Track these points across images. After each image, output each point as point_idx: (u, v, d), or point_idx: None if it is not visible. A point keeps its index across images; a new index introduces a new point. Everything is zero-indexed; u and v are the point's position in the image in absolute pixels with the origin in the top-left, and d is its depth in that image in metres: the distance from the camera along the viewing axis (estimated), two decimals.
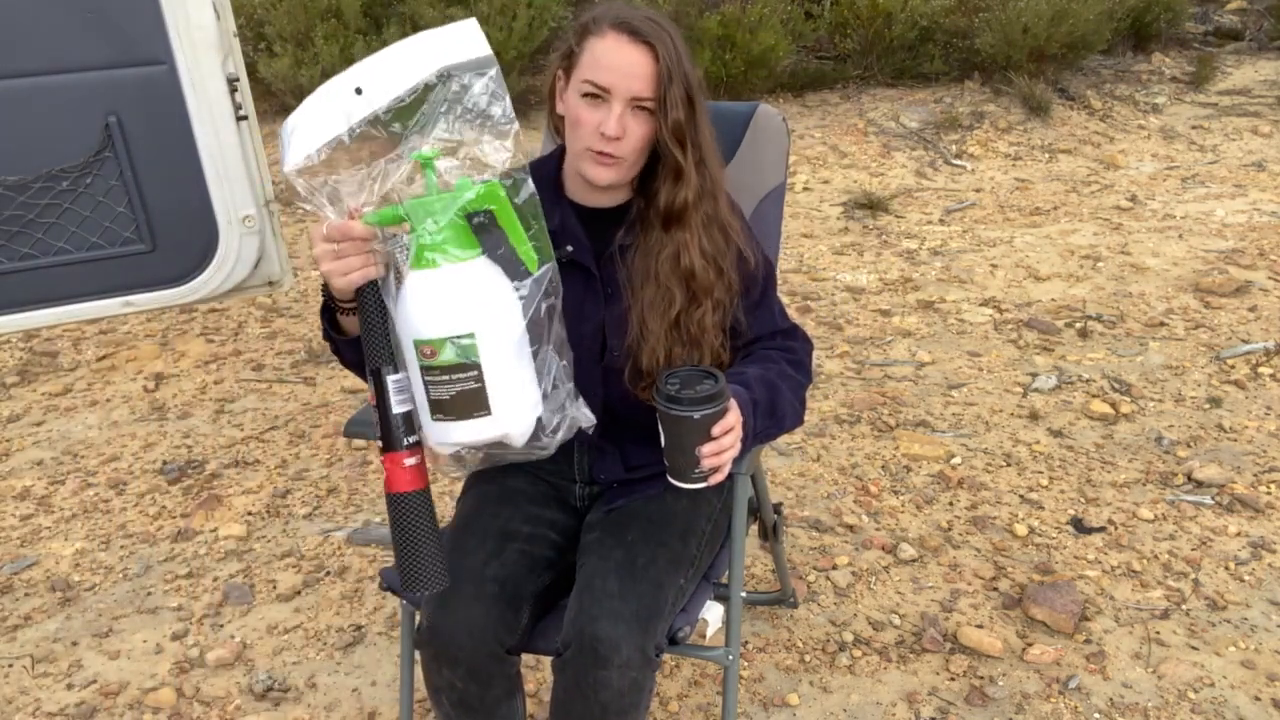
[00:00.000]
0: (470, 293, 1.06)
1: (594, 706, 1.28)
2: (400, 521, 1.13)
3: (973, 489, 2.55)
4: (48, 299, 2.22)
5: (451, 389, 1.06)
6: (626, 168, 1.33)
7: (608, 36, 1.27)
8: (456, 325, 1.04)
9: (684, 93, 1.27)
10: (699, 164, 1.32)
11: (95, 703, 1.93)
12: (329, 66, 5.18)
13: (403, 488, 1.12)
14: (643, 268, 1.36)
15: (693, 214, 1.34)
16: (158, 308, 2.43)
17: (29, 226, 2.15)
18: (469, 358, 1.05)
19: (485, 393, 1.06)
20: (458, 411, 1.07)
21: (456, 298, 1.05)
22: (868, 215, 4.85)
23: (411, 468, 1.13)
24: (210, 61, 2.14)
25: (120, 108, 2.14)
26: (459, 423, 1.08)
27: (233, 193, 2.23)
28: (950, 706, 1.86)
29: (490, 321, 1.07)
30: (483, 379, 1.06)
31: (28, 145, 2.11)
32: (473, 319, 1.05)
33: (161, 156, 2.18)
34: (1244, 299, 3.67)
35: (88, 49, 2.08)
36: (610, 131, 1.27)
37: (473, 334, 1.04)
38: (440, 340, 1.05)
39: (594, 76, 1.27)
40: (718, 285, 1.36)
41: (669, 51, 1.26)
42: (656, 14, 1.32)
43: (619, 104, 1.27)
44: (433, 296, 1.06)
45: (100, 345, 3.56)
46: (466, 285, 1.06)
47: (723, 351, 1.40)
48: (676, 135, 1.29)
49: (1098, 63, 6.60)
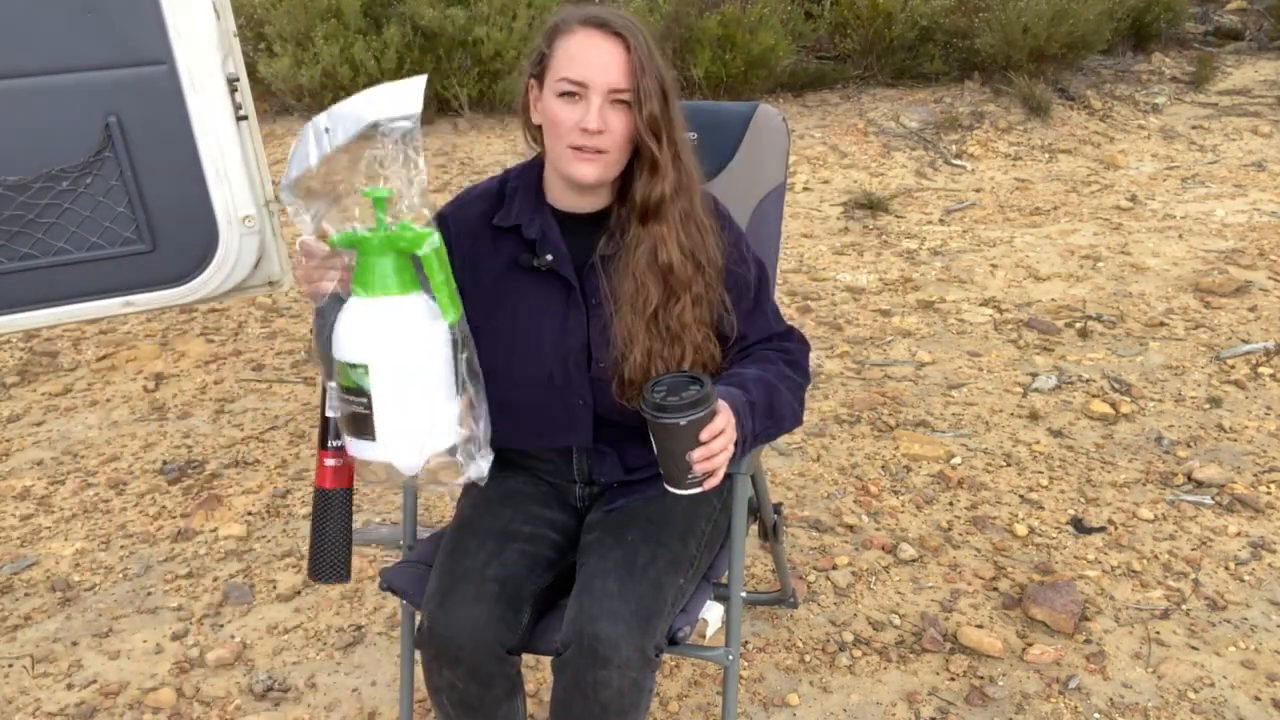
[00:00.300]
0: (377, 327, 1.13)
1: (594, 706, 1.28)
2: (316, 513, 1.27)
3: (973, 489, 2.55)
4: (48, 299, 2.22)
5: (347, 408, 1.16)
6: (610, 163, 1.33)
7: (578, 33, 1.28)
8: (358, 354, 1.12)
9: (657, 85, 1.28)
10: (675, 158, 1.33)
11: (95, 703, 1.93)
12: (329, 66, 5.19)
13: (323, 484, 1.24)
14: (621, 265, 1.36)
15: (670, 208, 1.34)
16: (158, 308, 2.43)
17: (29, 226, 2.15)
18: (361, 385, 1.13)
19: (372, 420, 1.14)
20: (350, 430, 1.17)
21: (364, 329, 1.13)
22: (868, 215, 4.85)
23: (331, 468, 1.26)
24: (210, 61, 2.14)
25: (120, 108, 2.14)
26: (351, 440, 1.18)
27: (233, 193, 2.23)
28: (950, 706, 1.86)
29: (388, 359, 1.13)
30: (370, 407, 1.13)
31: (28, 145, 2.11)
32: (372, 352, 1.12)
33: (161, 156, 2.18)
34: (1244, 299, 3.67)
35: (88, 49, 2.08)
36: (591, 125, 1.27)
37: (366, 365, 1.12)
38: (342, 364, 1.14)
39: (569, 73, 1.27)
40: (696, 279, 1.36)
41: (640, 43, 1.27)
42: (624, 12, 1.33)
43: (597, 97, 1.27)
44: (348, 324, 1.14)
45: (100, 345, 3.57)
46: (376, 320, 1.13)
47: (707, 344, 1.39)
48: (652, 127, 1.29)
49: (1098, 63, 6.60)
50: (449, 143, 5.48)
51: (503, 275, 1.40)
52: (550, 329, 1.38)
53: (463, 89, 5.48)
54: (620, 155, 1.33)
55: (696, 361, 1.37)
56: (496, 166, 5.26)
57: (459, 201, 1.46)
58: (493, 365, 1.42)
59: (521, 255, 1.39)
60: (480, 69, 5.52)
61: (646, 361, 1.34)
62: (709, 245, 1.38)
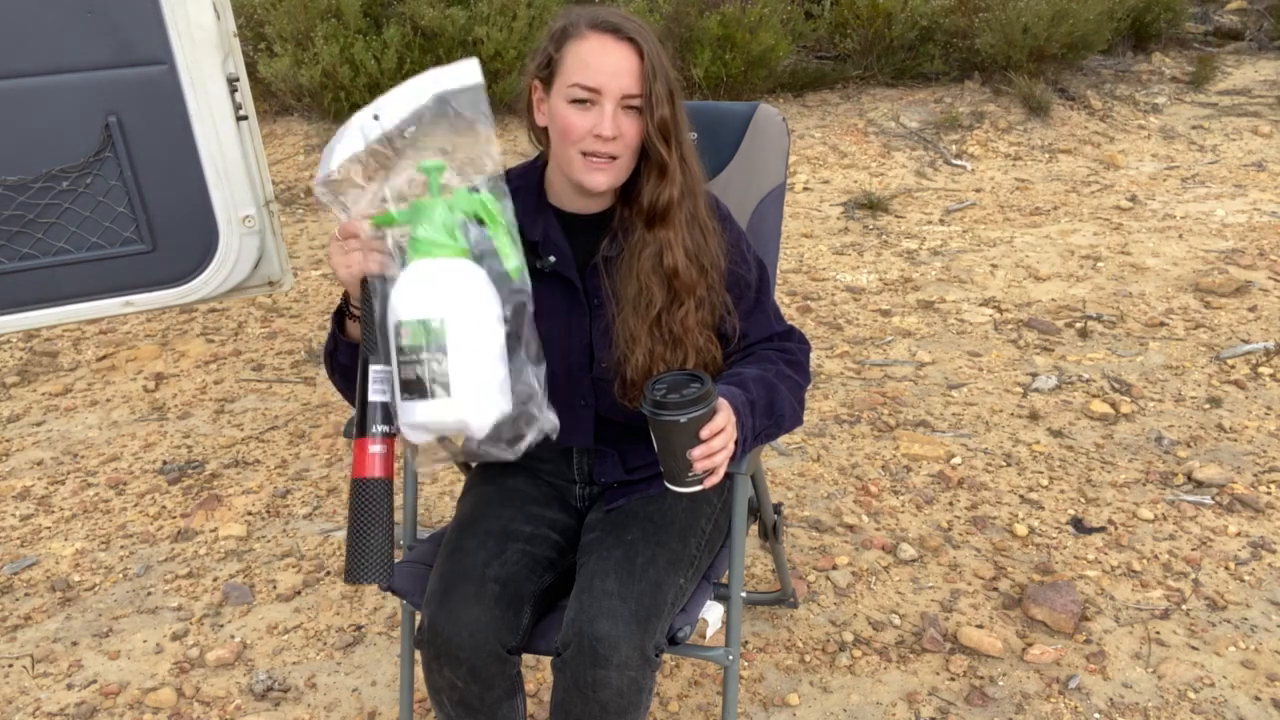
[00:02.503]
0: (448, 282, 1.15)
1: (593, 706, 1.28)
2: (357, 506, 1.18)
3: (973, 489, 2.55)
4: (48, 299, 2.22)
5: (418, 369, 1.12)
6: (621, 169, 1.32)
7: (589, 38, 1.27)
8: (430, 310, 1.12)
9: (666, 89, 1.28)
10: (682, 161, 1.33)
11: (95, 703, 1.93)
12: (329, 66, 5.18)
13: (366, 473, 1.17)
14: (625, 268, 1.36)
15: (677, 212, 1.34)
16: (158, 308, 2.43)
17: (29, 226, 2.15)
18: (438, 340, 1.12)
19: (448, 376, 1.12)
20: (421, 391, 1.13)
21: (434, 285, 1.14)
22: (868, 215, 4.85)
23: (377, 454, 1.18)
24: (210, 61, 2.14)
25: (120, 108, 2.13)
26: (421, 402, 1.13)
27: (233, 193, 2.23)
28: (950, 706, 1.86)
29: (462, 311, 1.14)
30: (447, 363, 1.12)
31: (28, 145, 2.11)
32: (446, 305, 1.13)
33: (161, 156, 2.18)
34: (1244, 299, 3.67)
35: (88, 49, 2.08)
36: (607, 132, 1.26)
37: (443, 319, 1.12)
38: (414, 322, 1.12)
39: (582, 79, 1.26)
40: (700, 283, 1.36)
41: (651, 48, 1.26)
42: (629, 14, 1.32)
43: (610, 103, 1.26)
44: (415, 283, 1.15)
45: (100, 345, 3.57)
46: (445, 276, 1.15)
47: (710, 347, 1.39)
48: (663, 131, 1.29)
49: (1098, 63, 6.60)
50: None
51: None
52: (552, 329, 1.38)
53: None
54: (631, 160, 1.33)
55: (698, 364, 1.37)
56: None
57: None
58: None
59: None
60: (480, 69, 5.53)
61: (648, 363, 1.34)
62: (712, 247, 1.38)
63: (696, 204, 1.36)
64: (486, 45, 5.43)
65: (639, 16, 1.33)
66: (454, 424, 1.15)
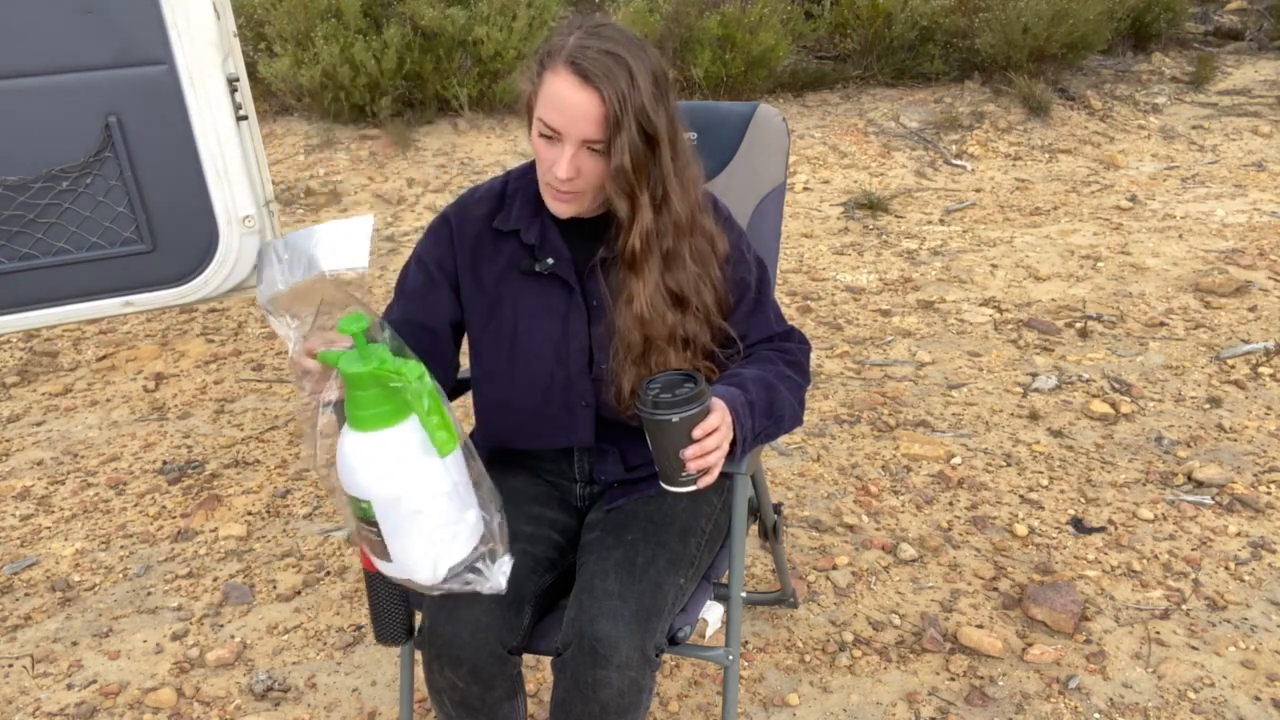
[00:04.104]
0: (370, 463, 1.11)
1: (593, 706, 1.28)
2: (368, 588, 1.36)
3: (973, 489, 2.55)
4: (48, 299, 2.22)
5: (364, 531, 1.17)
6: (587, 199, 1.31)
7: (560, 75, 1.22)
8: (359, 489, 1.12)
9: (637, 134, 1.21)
10: (657, 202, 1.28)
11: (95, 703, 1.93)
12: (329, 66, 5.18)
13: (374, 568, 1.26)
14: (614, 296, 1.35)
15: (643, 259, 1.31)
16: (158, 308, 2.43)
17: (29, 226, 2.15)
18: (369, 516, 1.13)
19: (385, 545, 1.15)
20: (370, 550, 1.19)
21: (363, 464, 1.11)
22: (868, 215, 4.85)
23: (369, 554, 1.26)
24: (210, 61, 2.14)
25: (120, 108, 2.14)
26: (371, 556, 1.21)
27: (233, 193, 2.23)
28: (950, 706, 1.86)
29: (389, 491, 1.11)
30: (381, 535, 1.14)
31: (28, 145, 2.11)
32: (372, 488, 1.11)
33: (161, 156, 2.18)
34: (1244, 299, 3.67)
35: (88, 49, 2.08)
36: (561, 174, 1.24)
37: (370, 500, 1.12)
38: (350, 496, 1.13)
39: (546, 117, 1.24)
40: (679, 324, 1.34)
41: (618, 94, 1.20)
42: (617, 43, 1.23)
43: (570, 146, 1.24)
44: (345, 459, 1.12)
45: (100, 345, 3.56)
46: (368, 455, 1.11)
47: (706, 369, 1.38)
48: (621, 182, 1.25)
49: (1098, 63, 6.60)
50: (449, 143, 5.47)
51: (504, 277, 1.40)
52: (551, 331, 1.38)
53: (462, 89, 5.48)
54: (597, 193, 1.31)
55: None
56: (496, 167, 5.26)
57: (462, 203, 1.46)
58: (494, 366, 1.42)
59: (522, 260, 1.39)
60: (480, 69, 5.52)
61: (632, 389, 1.34)
62: (712, 275, 1.35)
63: (680, 238, 1.32)
64: (486, 45, 5.43)
65: (637, 18, 1.31)
66: (405, 580, 1.19)
